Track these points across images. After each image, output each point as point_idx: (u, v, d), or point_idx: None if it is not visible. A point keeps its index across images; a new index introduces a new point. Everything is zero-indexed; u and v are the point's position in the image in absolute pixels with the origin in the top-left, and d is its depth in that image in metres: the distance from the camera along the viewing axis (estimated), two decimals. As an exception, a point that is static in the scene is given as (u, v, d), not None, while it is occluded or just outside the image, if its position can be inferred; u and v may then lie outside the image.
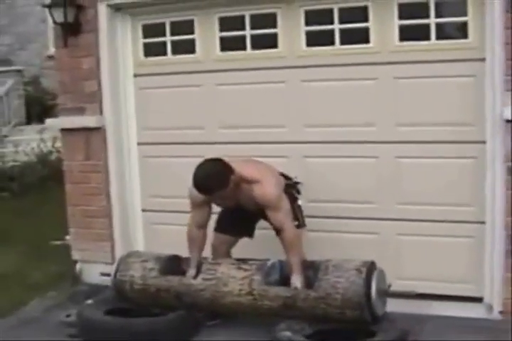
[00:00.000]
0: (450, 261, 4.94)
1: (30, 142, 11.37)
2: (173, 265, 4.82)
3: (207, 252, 4.83)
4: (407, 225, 5.02)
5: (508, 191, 4.55)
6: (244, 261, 4.63)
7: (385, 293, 4.41)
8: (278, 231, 4.45)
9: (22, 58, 14.79)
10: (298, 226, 4.58)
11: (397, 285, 5.03)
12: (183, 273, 4.71)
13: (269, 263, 4.53)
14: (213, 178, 4.28)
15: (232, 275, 4.52)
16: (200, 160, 4.51)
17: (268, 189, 4.39)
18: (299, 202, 4.69)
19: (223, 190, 4.30)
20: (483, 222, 4.81)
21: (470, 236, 4.91)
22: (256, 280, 4.44)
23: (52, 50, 8.22)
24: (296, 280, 4.37)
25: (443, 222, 4.93)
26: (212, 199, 4.49)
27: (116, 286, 4.87)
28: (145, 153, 5.83)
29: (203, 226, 4.71)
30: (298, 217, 4.63)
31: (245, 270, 4.52)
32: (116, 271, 4.89)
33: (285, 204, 4.48)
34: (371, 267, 4.35)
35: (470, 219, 4.89)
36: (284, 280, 4.47)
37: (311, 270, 4.46)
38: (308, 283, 4.37)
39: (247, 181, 4.41)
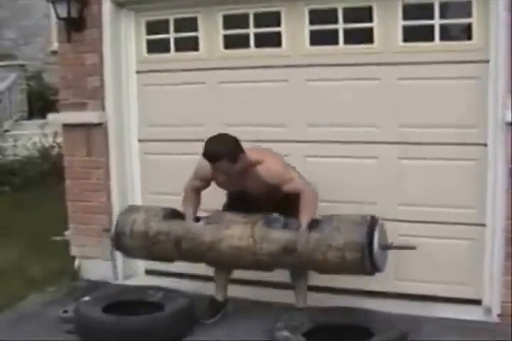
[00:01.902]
0: (450, 263, 4.94)
1: (31, 137, 11.39)
2: (177, 215, 4.79)
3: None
4: (408, 226, 5.01)
5: (509, 194, 4.54)
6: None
7: (387, 247, 4.37)
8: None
9: (25, 53, 14.80)
10: None
11: (397, 287, 5.07)
12: None
13: (273, 215, 4.46)
14: (223, 146, 4.29)
15: (235, 220, 4.49)
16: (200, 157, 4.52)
17: (272, 166, 4.41)
18: None
19: (231, 161, 4.28)
20: (483, 225, 4.81)
21: (470, 239, 4.91)
22: (259, 224, 4.40)
23: (55, 45, 8.19)
24: (303, 227, 4.31)
25: (444, 224, 4.93)
26: (217, 172, 4.40)
27: (116, 232, 4.81)
28: (146, 149, 5.82)
29: (198, 191, 4.71)
30: None
31: (249, 218, 4.47)
32: (119, 220, 4.87)
33: (294, 172, 4.49)
34: (375, 218, 4.31)
35: (471, 221, 4.89)
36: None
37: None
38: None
39: (252, 164, 4.41)
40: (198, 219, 4.68)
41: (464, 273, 4.92)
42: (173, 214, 4.79)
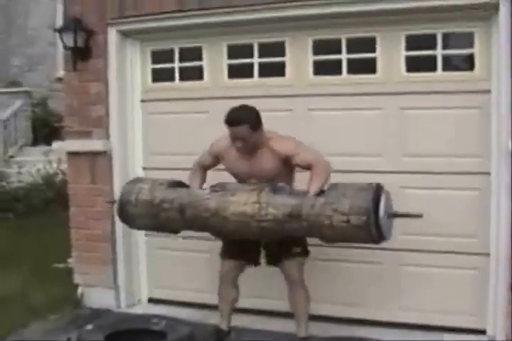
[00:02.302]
0: (454, 293, 4.93)
1: (36, 163, 11.41)
2: (183, 185, 4.76)
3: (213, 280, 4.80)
4: (411, 256, 5.01)
5: (514, 223, 4.54)
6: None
7: (393, 215, 4.26)
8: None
9: (30, 80, 14.88)
10: (301, 255, 4.58)
11: (400, 317, 5.05)
12: None
13: (279, 184, 4.39)
14: (247, 112, 4.37)
15: (241, 188, 4.42)
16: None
17: (285, 140, 4.45)
18: None
19: (251, 128, 4.31)
20: (487, 254, 4.80)
21: (474, 268, 4.91)
22: (265, 191, 4.31)
23: (60, 73, 8.25)
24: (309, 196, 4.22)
25: (447, 253, 4.93)
26: (234, 139, 4.37)
27: (121, 202, 4.76)
28: (150, 177, 5.82)
29: (206, 169, 4.74)
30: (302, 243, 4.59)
31: (256, 186, 4.39)
32: (124, 189, 4.85)
33: (304, 145, 4.44)
34: (381, 186, 4.22)
35: (474, 251, 4.89)
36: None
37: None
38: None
39: (267, 139, 4.43)
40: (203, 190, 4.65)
41: (468, 302, 4.91)
42: (179, 184, 4.77)
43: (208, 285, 4.98)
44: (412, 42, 4.92)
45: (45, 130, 13.55)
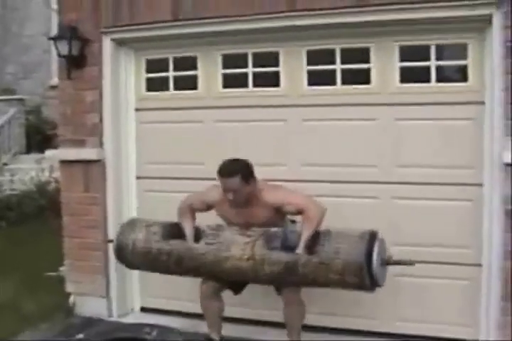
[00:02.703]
0: (446, 303, 4.93)
1: (29, 171, 11.39)
2: (177, 230, 4.78)
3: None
4: (403, 266, 4.99)
5: (507, 234, 4.54)
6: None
7: (386, 263, 4.34)
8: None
9: (25, 87, 14.86)
10: None
11: (394, 327, 5.04)
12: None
13: (272, 230, 4.46)
14: (240, 165, 4.43)
15: (234, 240, 4.48)
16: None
17: (276, 190, 4.53)
18: None
19: (244, 180, 4.36)
20: (479, 265, 4.81)
21: (466, 279, 4.90)
22: (258, 245, 4.40)
23: (55, 80, 8.24)
24: (300, 248, 4.28)
25: (440, 264, 4.92)
26: (227, 190, 4.39)
27: (118, 247, 4.84)
28: (144, 186, 5.84)
29: (194, 211, 4.73)
30: None
31: (248, 236, 4.47)
32: (120, 232, 4.89)
33: (295, 193, 4.52)
34: (374, 234, 4.29)
35: (467, 262, 4.88)
36: (286, 248, 4.37)
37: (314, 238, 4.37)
38: (312, 252, 4.30)
39: (259, 191, 4.48)
40: (197, 233, 4.68)
41: (461, 313, 4.91)
42: (173, 229, 4.79)
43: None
44: (407, 54, 4.94)
45: (39, 137, 13.52)
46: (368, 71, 5.04)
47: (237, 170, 4.37)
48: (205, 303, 4.73)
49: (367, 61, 5.03)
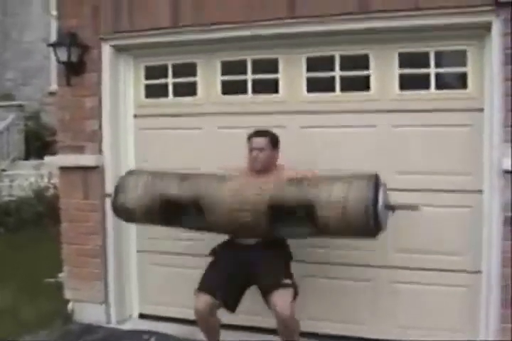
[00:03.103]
0: (446, 310, 4.92)
1: (28, 177, 11.39)
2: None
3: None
4: (404, 273, 5.01)
5: (506, 241, 4.53)
6: None
7: (390, 207, 4.24)
8: None
9: (24, 93, 14.89)
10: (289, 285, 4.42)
11: (392, 334, 5.03)
12: None
13: None
14: (270, 132, 4.73)
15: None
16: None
17: (292, 169, 4.72)
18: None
19: (271, 144, 4.65)
20: (479, 272, 4.80)
21: (466, 286, 4.89)
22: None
23: (54, 86, 8.24)
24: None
25: (439, 271, 4.92)
26: (254, 148, 4.62)
27: (117, 188, 4.78)
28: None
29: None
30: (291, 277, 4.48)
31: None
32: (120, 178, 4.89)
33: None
34: (379, 178, 4.22)
35: (466, 268, 4.88)
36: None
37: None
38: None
39: (277, 166, 4.74)
40: None
41: (460, 320, 4.90)
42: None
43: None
44: (406, 60, 4.94)
45: (38, 143, 13.53)
46: (367, 78, 5.04)
47: (268, 134, 4.70)
48: (202, 322, 4.57)
49: (366, 68, 5.04)
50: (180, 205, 4.55)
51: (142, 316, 5.94)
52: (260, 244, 4.53)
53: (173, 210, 4.58)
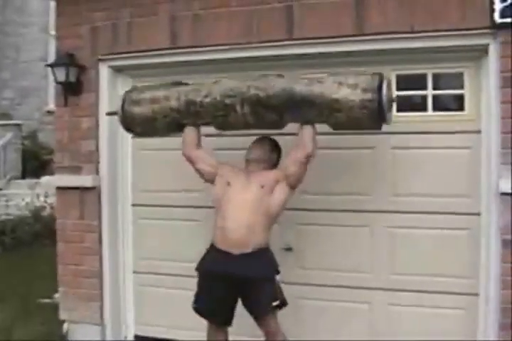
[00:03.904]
0: (443, 333, 4.87)
1: (24, 197, 11.37)
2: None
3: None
4: (400, 295, 4.98)
5: (505, 264, 4.51)
6: None
7: (392, 100, 4.31)
8: None
9: (21, 112, 14.91)
10: (280, 307, 4.43)
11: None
12: None
13: None
14: (273, 139, 4.78)
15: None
16: (194, 223, 4.51)
17: None
18: (278, 278, 4.50)
19: (271, 147, 4.71)
20: (476, 294, 4.78)
21: (463, 308, 4.87)
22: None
23: (51, 106, 8.25)
24: None
25: (436, 293, 4.89)
26: (254, 148, 4.71)
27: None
28: (139, 214, 5.81)
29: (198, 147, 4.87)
30: (278, 296, 4.44)
31: None
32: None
33: None
34: (382, 74, 4.24)
35: (463, 291, 4.85)
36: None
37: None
38: None
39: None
40: None
41: (458, 343, 4.88)
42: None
43: (194, 323, 4.90)
44: (403, 82, 4.95)
45: (35, 163, 13.53)
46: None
47: (270, 140, 4.75)
48: (211, 336, 4.67)
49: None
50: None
51: (137, 337, 5.90)
52: (245, 255, 4.40)
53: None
